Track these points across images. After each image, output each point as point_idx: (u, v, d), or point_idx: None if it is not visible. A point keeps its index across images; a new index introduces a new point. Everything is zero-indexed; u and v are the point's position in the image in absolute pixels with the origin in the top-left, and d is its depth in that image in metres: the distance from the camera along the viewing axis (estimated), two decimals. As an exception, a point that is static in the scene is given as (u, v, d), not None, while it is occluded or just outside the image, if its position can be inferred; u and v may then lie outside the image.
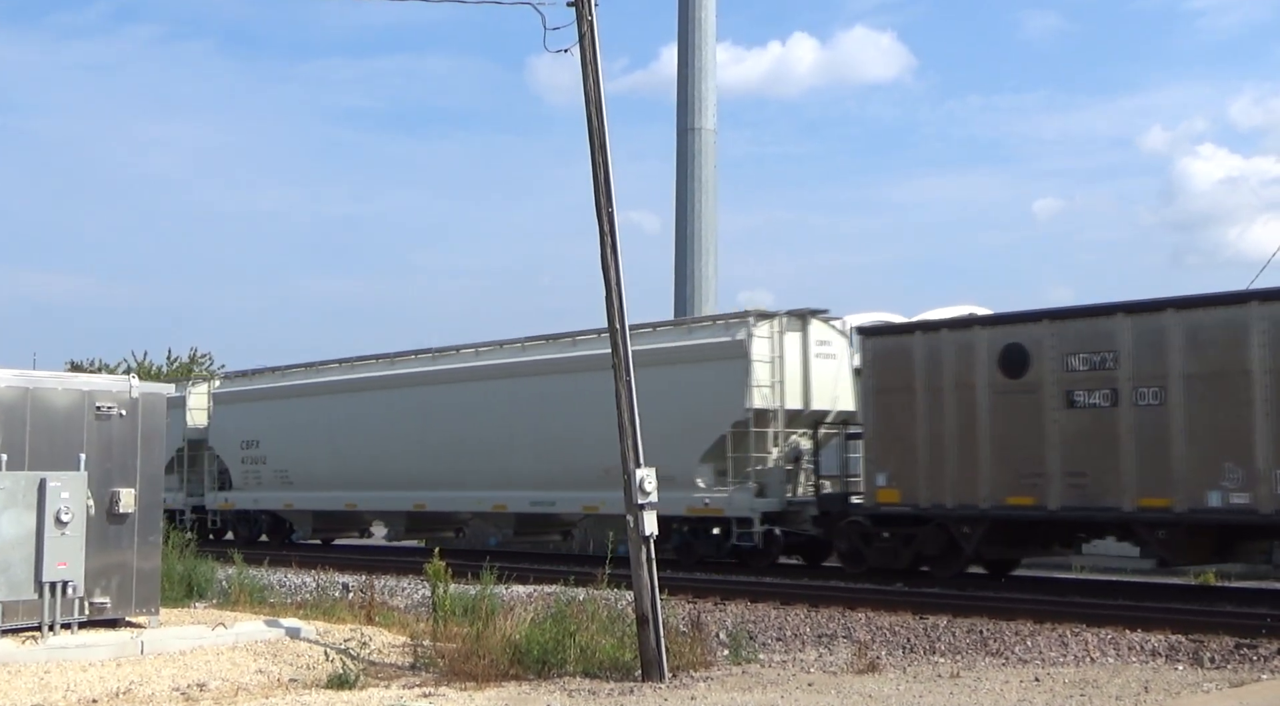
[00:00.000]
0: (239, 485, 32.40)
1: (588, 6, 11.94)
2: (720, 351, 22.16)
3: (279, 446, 31.10)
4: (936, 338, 19.47)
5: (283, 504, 31.28)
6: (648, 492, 11.81)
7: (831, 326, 22.78)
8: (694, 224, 34.54)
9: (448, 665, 11.70)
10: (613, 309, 12.09)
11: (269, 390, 31.93)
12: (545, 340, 25.72)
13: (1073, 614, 15.19)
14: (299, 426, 30.38)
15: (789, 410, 21.87)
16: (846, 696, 10.57)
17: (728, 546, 22.08)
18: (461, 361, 27.18)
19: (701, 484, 22.15)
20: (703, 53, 34.44)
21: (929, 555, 19.40)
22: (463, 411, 26.26)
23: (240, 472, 32.29)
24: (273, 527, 32.25)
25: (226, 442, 32.83)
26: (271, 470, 31.36)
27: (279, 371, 32.44)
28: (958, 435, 18.93)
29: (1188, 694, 10.67)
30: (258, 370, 33.32)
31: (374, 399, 28.57)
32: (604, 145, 11.99)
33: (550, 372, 24.80)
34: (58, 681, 10.67)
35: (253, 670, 11.57)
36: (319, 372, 30.98)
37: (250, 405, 32.21)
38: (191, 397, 34.04)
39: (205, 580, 17.27)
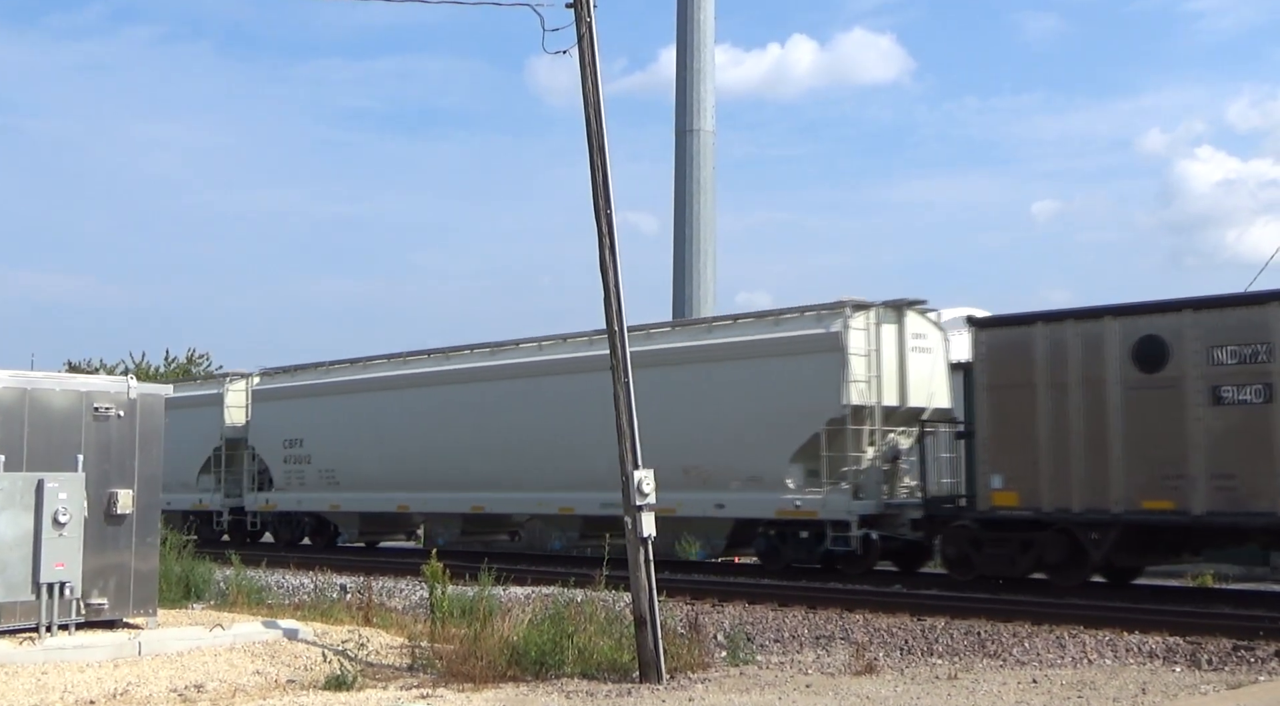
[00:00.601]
0: (281, 486, 31.01)
1: (586, 8, 11.95)
2: (813, 344, 20.84)
3: (325, 445, 29.72)
4: (1060, 329, 18.09)
5: (328, 505, 29.89)
6: (645, 494, 11.84)
7: (927, 318, 21.67)
8: (693, 225, 34.56)
9: (445, 666, 11.70)
10: (611, 310, 12.10)
11: (314, 386, 30.47)
12: None
13: (1070, 616, 15.18)
14: (347, 424, 29.13)
15: (885, 407, 20.72)
16: (844, 698, 10.57)
17: (819, 551, 20.78)
18: (524, 356, 26.06)
19: (791, 485, 20.89)
20: (701, 54, 34.47)
21: (1050, 562, 18.16)
22: (526, 408, 25.17)
23: (282, 473, 30.92)
24: (316, 530, 30.85)
25: (267, 441, 31.54)
26: (316, 470, 29.91)
27: (323, 367, 30.98)
28: (1085, 434, 17.66)
29: (1185, 695, 10.68)
30: (300, 366, 31.73)
31: (428, 395, 27.22)
32: (602, 146, 12.00)
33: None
34: (55, 682, 10.66)
35: (250, 671, 11.57)
36: (367, 368, 29.62)
37: (293, 402, 30.78)
38: (229, 395, 32.73)
39: (203, 581, 17.27)
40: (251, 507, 31.79)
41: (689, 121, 34.53)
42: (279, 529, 31.38)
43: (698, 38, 34.43)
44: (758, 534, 21.49)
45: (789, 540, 21.22)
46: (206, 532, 32.09)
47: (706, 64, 34.58)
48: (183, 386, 34.32)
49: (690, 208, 34.55)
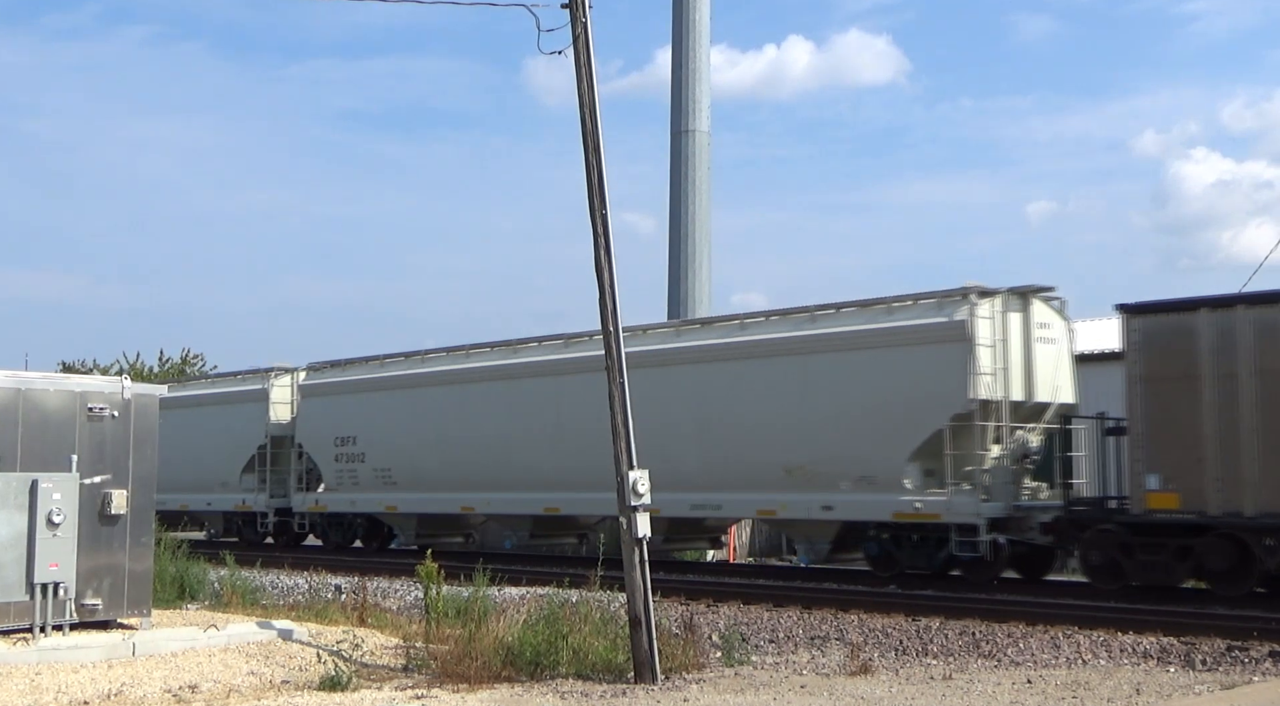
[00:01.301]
0: (332, 486, 29.27)
1: (581, 8, 11.95)
2: (935, 333, 19.26)
3: (381, 443, 27.97)
4: (1230, 316, 16.54)
5: (384, 506, 28.08)
6: (640, 494, 11.84)
7: (1051, 307, 20.09)
8: (688, 225, 34.56)
9: (440, 667, 11.70)
10: (606, 311, 12.11)
11: (368, 381, 28.72)
12: (701, 324, 23.33)
13: (1065, 616, 15.20)
14: (405, 421, 27.46)
15: (1011, 402, 19.24)
16: (839, 698, 10.58)
17: (940, 557, 19.24)
18: (596, 348, 24.63)
19: (909, 485, 19.37)
20: (697, 55, 34.47)
21: (1212, 570, 16.73)
22: (602, 403, 23.57)
23: (333, 472, 29.14)
24: (369, 532, 29.24)
25: (316, 439, 29.64)
26: (371, 469, 28.15)
27: (376, 361, 29.27)
28: (1260, 431, 16.16)
29: (1179, 696, 10.69)
30: (350, 360, 29.97)
31: (497, 390, 25.50)
32: (598, 147, 12.00)
33: (717, 359, 22.02)
34: (49, 683, 10.65)
35: (245, 672, 11.56)
36: (426, 362, 27.79)
37: (345, 398, 28.96)
38: (274, 390, 30.96)
39: (197, 582, 17.26)
40: (299, 508, 30.16)
41: (684, 122, 34.53)
42: (328, 531, 29.82)
43: (693, 38, 34.44)
44: (868, 537, 20.13)
45: (904, 544, 19.78)
46: (250, 534, 31.27)
47: (702, 65, 34.59)
48: (222, 382, 33.46)
49: (685, 208, 34.55)
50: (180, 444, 31.70)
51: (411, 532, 28.36)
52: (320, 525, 29.95)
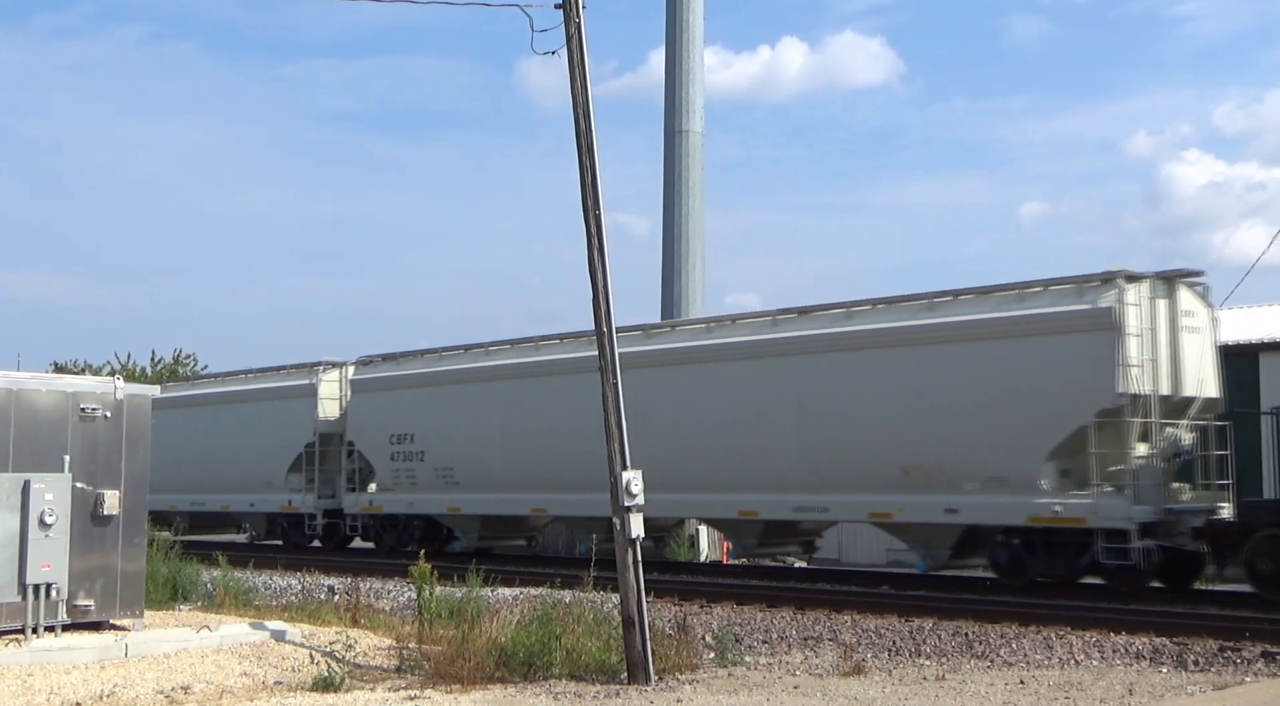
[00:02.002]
0: (387, 485, 27.66)
1: (575, 9, 11.96)
2: (1076, 322, 17.82)
3: (441, 441, 26.32)
4: None
5: (445, 508, 26.40)
6: (634, 495, 11.84)
7: (1196, 293, 18.69)
8: (681, 226, 34.54)
9: (433, 668, 11.69)
10: (600, 311, 12.11)
11: (427, 376, 27.00)
12: (799, 313, 21.31)
13: (1058, 616, 15.22)
14: (468, 417, 25.77)
15: (1160, 396, 17.79)
16: (832, 699, 10.59)
17: (1081, 564, 17.81)
18: (680, 339, 22.96)
19: (1045, 486, 17.92)
20: (690, 56, 34.45)
21: None
22: (690, 398, 21.93)
23: (389, 471, 27.54)
24: (426, 534, 27.36)
25: (370, 436, 28.04)
26: (431, 468, 26.50)
27: (435, 354, 27.53)
28: None
29: (1171, 696, 10.71)
30: (405, 353, 28.32)
31: (568, 385, 23.57)
32: (591, 148, 12.00)
33: (822, 350, 20.35)
34: (41, 684, 10.63)
35: (237, 673, 11.54)
36: (491, 354, 26.11)
37: (401, 393, 27.33)
38: (322, 386, 29.33)
39: (190, 582, 17.22)
40: (351, 510, 28.46)
41: (678, 122, 34.50)
42: (382, 533, 28.21)
43: (687, 39, 34.43)
44: (996, 543, 18.73)
45: (1036, 550, 18.30)
46: (296, 537, 29.94)
47: (695, 65, 34.58)
48: (264, 377, 31.64)
49: (679, 208, 34.53)
50: (220, 442, 31.17)
51: (474, 535, 26.74)
52: (373, 527, 28.33)
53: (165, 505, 31.29)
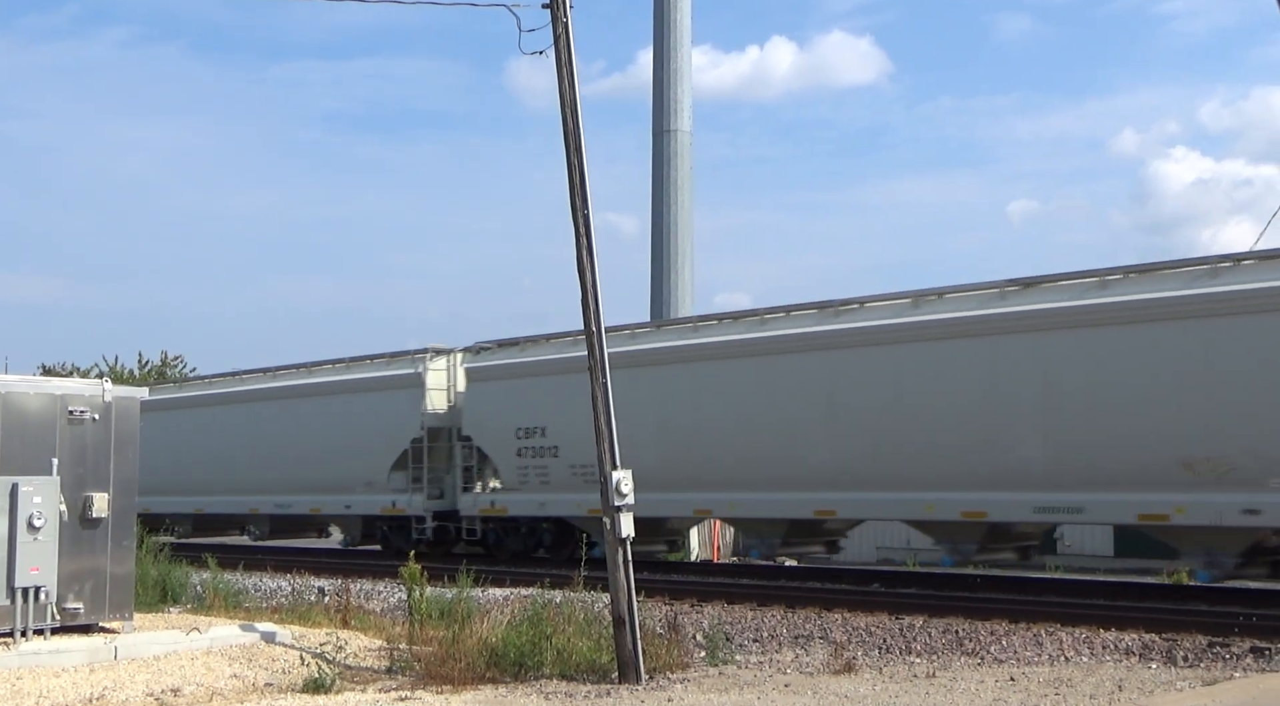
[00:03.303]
0: (512, 484, 24.67)
1: (562, 8, 11.95)
2: None
3: (580, 435, 22.95)
4: None
5: (586, 509, 22.82)
6: (624, 494, 11.86)
7: None
8: (670, 225, 34.54)
9: (424, 668, 11.68)
10: (589, 311, 12.11)
11: (564, 362, 23.56)
12: (1023, 286, 18.45)
13: (1047, 613, 15.25)
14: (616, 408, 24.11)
15: None
16: (823, 697, 10.60)
17: None
18: (818, 324, 20.09)
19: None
20: (678, 55, 34.46)
21: None
22: (890, 388, 19.11)
23: (514, 469, 24.52)
24: (559, 539, 24.48)
25: (491, 430, 25.01)
26: (567, 465, 23.46)
27: (570, 337, 24.05)
28: None
29: (1161, 692, 10.74)
30: (531, 338, 25.48)
31: (742, 371, 21.08)
32: (579, 147, 12.00)
33: (1068, 326, 17.55)
34: (30, 688, 10.60)
35: (228, 675, 11.52)
36: (638, 338, 23.12)
37: (529, 382, 24.32)
38: (430, 375, 26.21)
39: (180, 585, 17.19)
40: (467, 511, 25.52)
41: (666, 122, 34.50)
42: (505, 537, 25.23)
43: (674, 38, 34.43)
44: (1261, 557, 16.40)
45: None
46: (399, 541, 26.36)
47: (683, 65, 34.58)
48: (358, 366, 28.43)
49: (668, 208, 34.54)
50: (309, 439, 28.22)
51: None
52: (493, 531, 25.55)
53: (245, 508, 30.31)
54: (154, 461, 31.66)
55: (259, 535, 30.83)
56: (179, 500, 31.18)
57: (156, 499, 31.57)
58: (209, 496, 30.96)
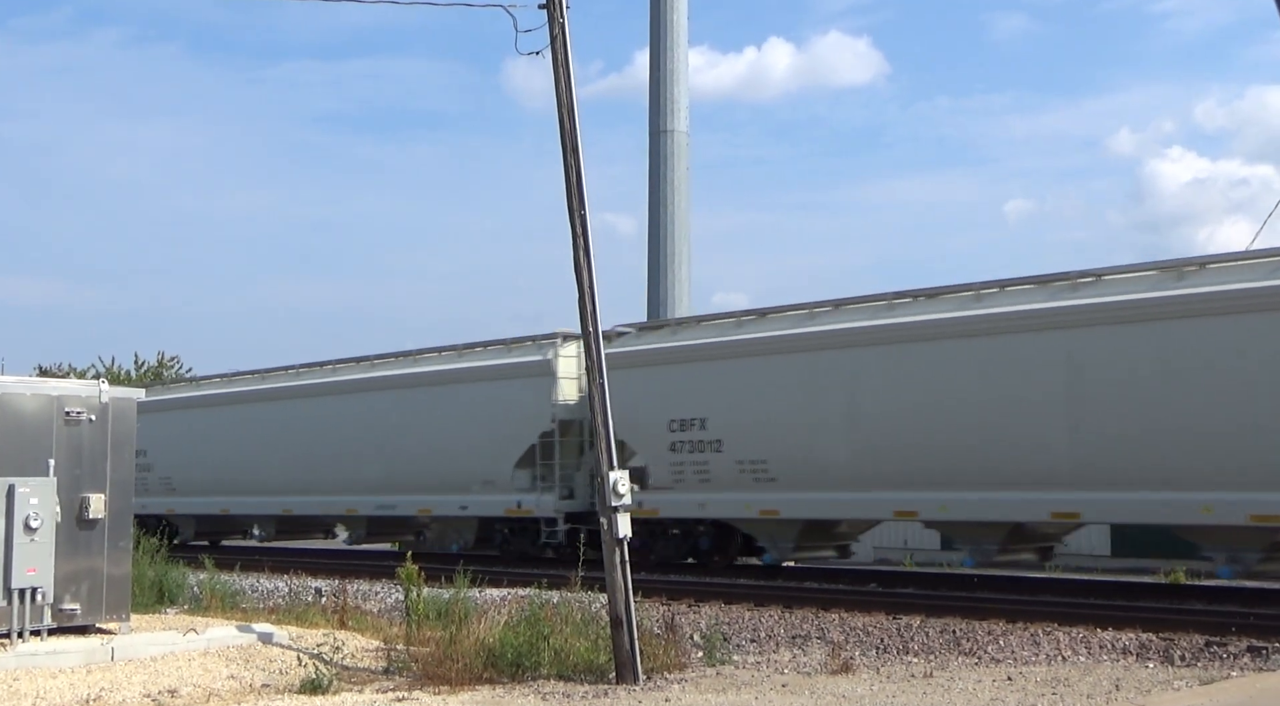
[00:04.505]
0: (663, 483, 22.12)
1: (559, 9, 11.95)
2: None
3: (748, 426, 21.01)
4: None
5: (757, 510, 20.84)
6: (621, 495, 11.82)
7: None
8: (667, 226, 34.57)
9: (421, 669, 11.67)
10: (585, 311, 12.09)
11: (730, 345, 21.41)
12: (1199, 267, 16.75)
13: (1044, 613, 15.26)
14: (794, 397, 20.45)
15: None
16: (820, 697, 10.60)
17: None
18: (1122, 292, 17.23)
19: None
20: (674, 56, 34.48)
21: None
22: (1146, 365, 16.69)
23: (666, 466, 22.02)
24: (719, 543, 22.42)
25: (637, 423, 21.89)
26: (732, 462, 21.15)
27: (732, 318, 22.15)
28: None
29: (1158, 691, 10.74)
30: (679, 319, 23.22)
31: (957, 352, 18.40)
32: (576, 147, 12.00)
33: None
34: (27, 689, 10.59)
35: (225, 675, 11.51)
36: (817, 318, 20.52)
37: (683, 369, 22.03)
38: (561, 362, 23.82)
39: (177, 586, 17.17)
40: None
41: (662, 122, 34.54)
42: (651, 541, 22.74)
43: (670, 38, 34.46)
44: None
45: None
46: (523, 545, 24.58)
47: (680, 65, 34.60)
48: (471, 354, 26.20)
49: (664, 208, 34.57)
50: (416, 434, 25.95)
51: (789, 544, 21.44)
52: (639, 534, 22.88)
53: (340, 509, 28.28)
54: (232, 459, 30.66)
55: (357, 538, 28.83)
56: (262, 500, 29.83)
57: (236, 499, 30.71)
58: (297, 496, 28.90)
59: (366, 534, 28.64)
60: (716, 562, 22.16)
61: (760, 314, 21.64)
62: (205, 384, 33.79)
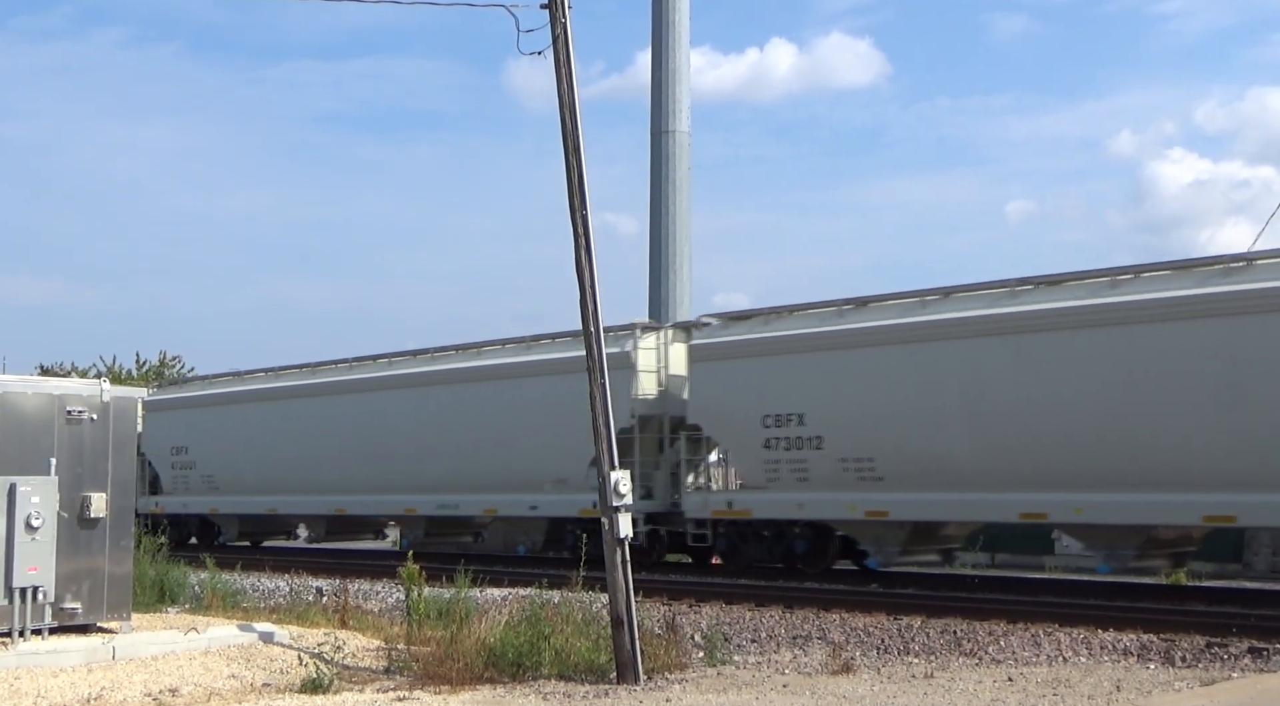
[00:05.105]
0: (758, 482, 21.14)
1: (561, 9, 11.94)
2: None
3: (851, 421, 19.68)
4: None
5: (863, 510, 19.61)
6: (622, 495, 11.83)
7: None
8: (668, 225, 34.61)
9: (422, 668, 11.67)
10: (587, 311, 12.10)
11: (833, 335, 19.97)
12: None
13: (1045, 614, 15.26)
14: (901, 389, 19.10)
15: None
16: (821, 697, 10.59)
17: None
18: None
19: None
20: (676, 56, 34.52)
21: None
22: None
23: (761, 464, 20.87)
24: (815, 545, 20.95)
25: (727, 418, 21.26)
26: (833, 459, 19.85)
27: (833, 307, 20.50)
28: None
29: (1159, 692, 10.74)
30: (774, 309, 21.52)
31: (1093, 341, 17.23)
32: (578, 148, 12.00)
33: None
34: (28, 687, 10.59)
35: (225, 675, 11.52)
36: (930, 306, 19.23)
37: (781, 360, 20.48)
38: (640, 355, 22.57)
39: (178, 585, 17.17)
40: (696, 513, 21.88)
41: (664, 122, 34.59)
42: (742, 544, 21.59)
43: (672, 39, 34.49)
44: None
45: None
46: (597, 547, 24.61)
47: (681, 65, 34.64)
48: (540, 347, 24.88)
49: (666, 208, 34.61)
50: (481, 430, 24.67)
51: (896, 548, 20.11)
52: (727, 536, 21.75)
53: (398, 508, 27.00)
54: (281, 456, 29.19)
55: (414, 539, 27.00)
56: (312, 500, 28.71)
57: (284, 498, 29.36)
58: (350, 495, 27.71)
59: (424, 535, 27.12)
60: (812, 569, 20.85)
61: (860, 302, 20.25)
62: (251, 378, 32.16)
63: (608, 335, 23.29)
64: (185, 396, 33.74)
